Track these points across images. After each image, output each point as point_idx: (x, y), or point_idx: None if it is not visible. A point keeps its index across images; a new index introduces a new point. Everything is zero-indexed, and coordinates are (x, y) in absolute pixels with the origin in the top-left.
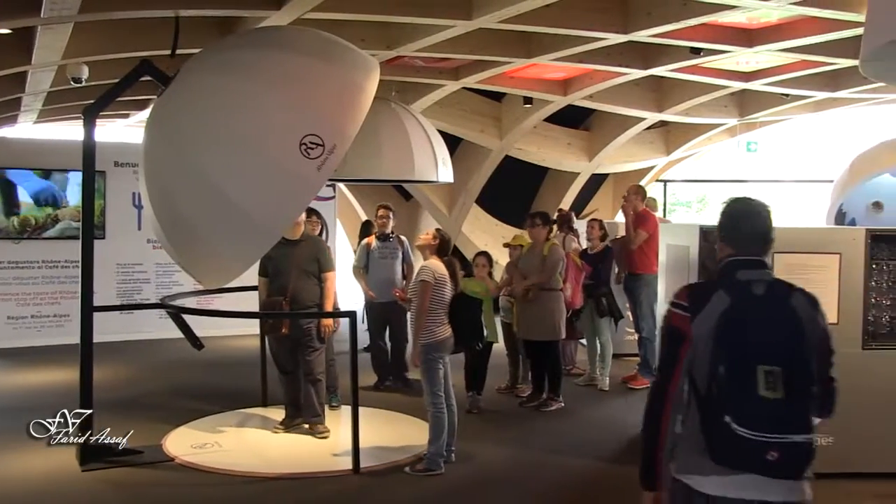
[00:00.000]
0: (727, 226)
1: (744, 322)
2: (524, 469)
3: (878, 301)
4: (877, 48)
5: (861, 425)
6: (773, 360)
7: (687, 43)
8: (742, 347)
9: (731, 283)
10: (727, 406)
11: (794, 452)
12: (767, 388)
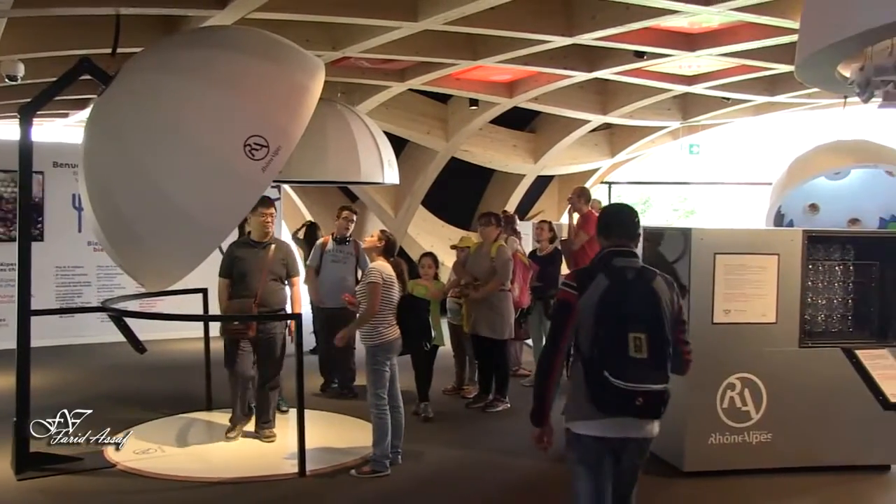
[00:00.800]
0: (605, 225)
1: (619, 299)
2: (470, 470)
3: (814, 301)
4: (810, 55)
5: (798, 422)
6: (639, 328)
7: (630, 46)
8: (617, 319)
9: (609, 269)
10: (605, 364)
11: (654, 398)
12: (635, 350)
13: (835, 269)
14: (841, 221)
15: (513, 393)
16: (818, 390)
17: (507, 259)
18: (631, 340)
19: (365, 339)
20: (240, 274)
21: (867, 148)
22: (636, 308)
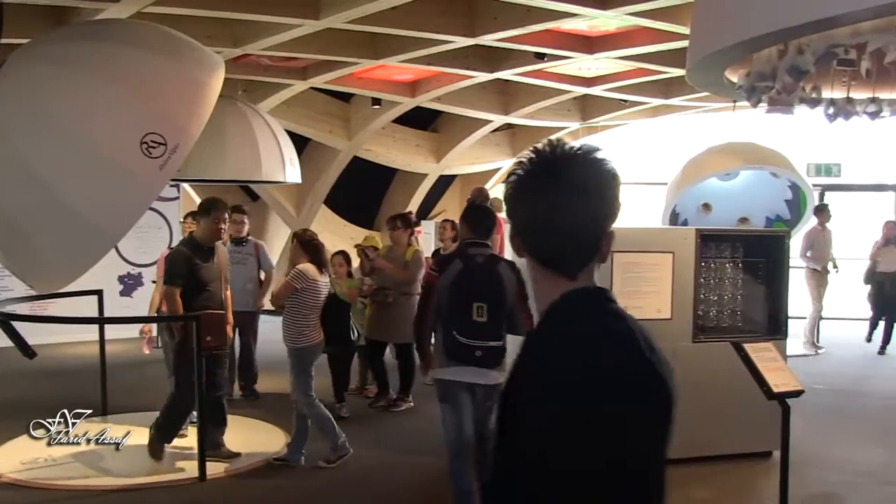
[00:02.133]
0: (470, 221)
1: (468, 279)
2: (375, 470)
3: (707, 297)
4: (699, 60)
5: (692, 414)
6: (482, 300)
7: (531, 48)
8: (465, 293)
9: (465, 256)
10: (455, 325)
11: (491, 352)
12: (477, 316)
13: (725, 266)
14: (731, 220)
15: (415, 392)
16: (710, 383)
17: (421, 265)
18: (475, 309)
19: (290, 343)
20: (202, 283)
21: (755, 150)
22: (481, 285)
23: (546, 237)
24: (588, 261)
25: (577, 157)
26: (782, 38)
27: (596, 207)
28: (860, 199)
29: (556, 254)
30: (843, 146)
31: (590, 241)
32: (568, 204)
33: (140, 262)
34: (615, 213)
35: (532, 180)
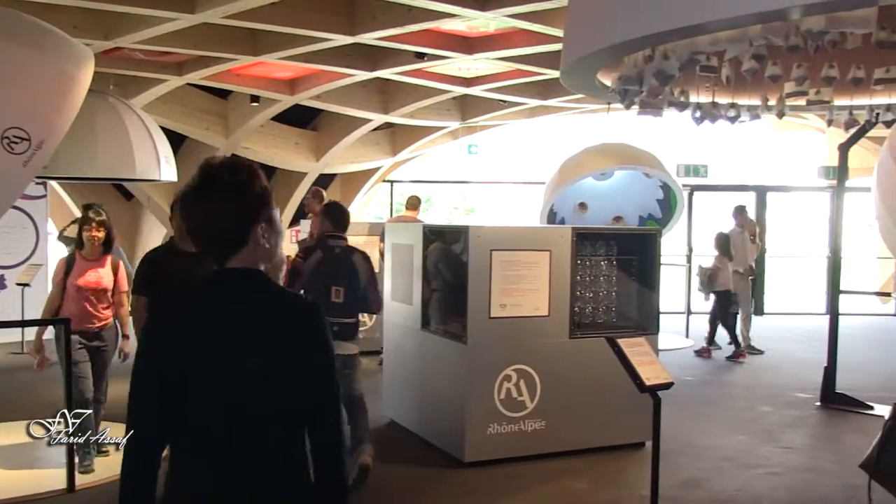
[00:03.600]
0: (330, 216)
1: (327, 265)
2: None
3: (583, 294)
4: (572, 62)
5: (569, 408)
6: (338, 284)
7: (411, 47)
8: (323, 275)
9: (324, 246)
10: None
11: (347, 327)
12: (335, 297)
13: (601, 263)
14: (607, 219)
15: None
16: (586, 378)
17: (281, 262)
18: (332, 291)
19: None
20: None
21: (629, 151)
22: (338, 271)
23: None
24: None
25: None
26: (649, 44)
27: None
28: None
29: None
30: (709, 148)
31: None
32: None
33: (4, 263)
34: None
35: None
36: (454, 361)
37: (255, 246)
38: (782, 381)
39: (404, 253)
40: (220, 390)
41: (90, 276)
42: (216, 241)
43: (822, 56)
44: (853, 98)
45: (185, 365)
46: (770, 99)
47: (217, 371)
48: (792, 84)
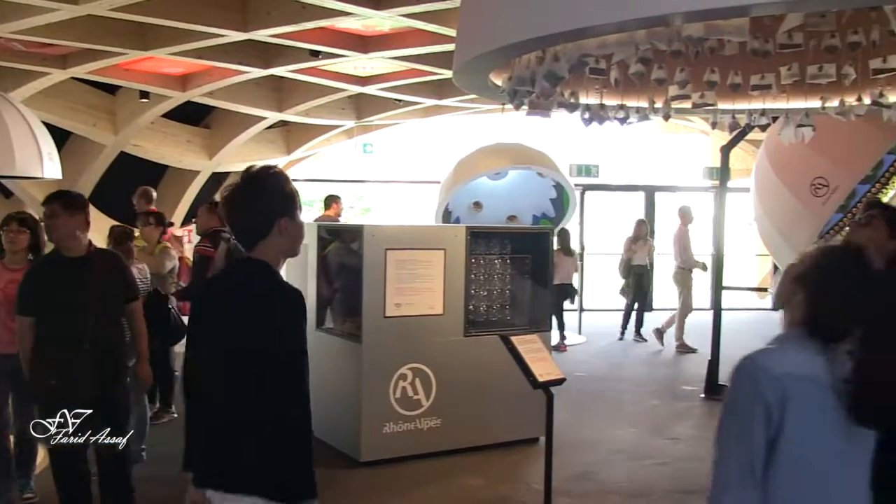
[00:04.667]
0: (216, 210)
1: (230, 254)
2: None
3: (477, 292)
4: (464, 62)
5: (464, 406)
6: None
7: (306, 45)
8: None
9: (225, 239)
10: None
11: None
12: None
13: (495, 262)
14: (501, 218)
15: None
16: (481, 376)
17: (173, 258)
18: None
19: None
20: (56, 307)
21: (523, 151)
22: None
23: None
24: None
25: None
26: (539, 46)
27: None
28: (615, 198)
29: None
30: (601, 149)
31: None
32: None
33: None
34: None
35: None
36: (349, 361)
37: (275, 238)
38: (670, 375)
39: (300, 253)
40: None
41: (12, 290)
42: (243, 232)
43: (703, 61)
44: (734, 102)
45: (192, 326)
46: (657, 101)
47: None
48: (676, 87)
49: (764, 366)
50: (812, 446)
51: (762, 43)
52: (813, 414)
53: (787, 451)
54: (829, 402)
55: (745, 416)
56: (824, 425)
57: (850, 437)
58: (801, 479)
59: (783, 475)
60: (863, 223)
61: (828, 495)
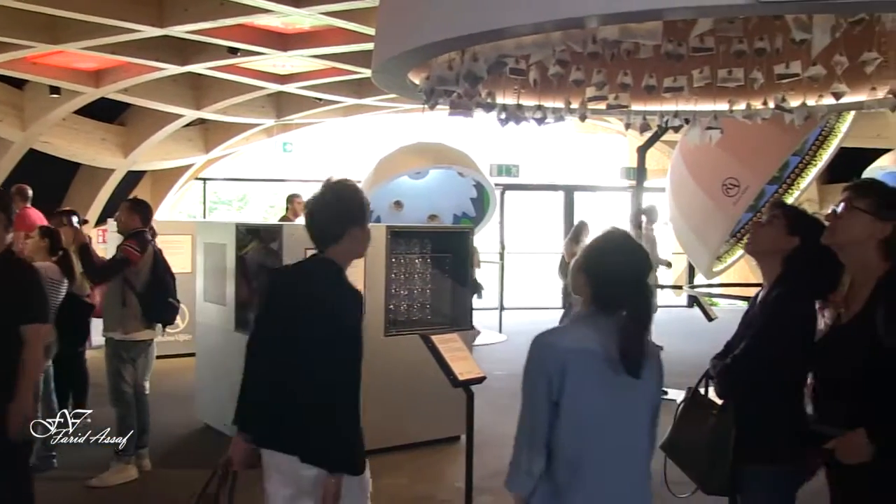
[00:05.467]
0: (137, 210)
1: (156, 251)
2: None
3: (397, 292)
4: (383, 62)
5: (386, 405)
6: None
7: (225, 42)
8: (155, 259)
9: (144, 241)
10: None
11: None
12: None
13: (415, 261)
14: (422, 217)
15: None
16: (402, 375)
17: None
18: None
19: None
20: None
21: (444, 151)
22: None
23: None
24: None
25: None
26: (457, 46)
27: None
28: (535, 198)
29: None
30: (521, 149)
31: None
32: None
33: None
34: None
35: None
36: None
37: (346, 243)
38: None
39: (217, 252)
40: None
41: None
42: (319, 235)
43: (619, 63)
44: (648, 104)
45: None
46: (573, 102)
47: None
48: (593, 89)
49: (549, 343)
50: (588, 405)
51: (675, 46)
52: (588, 379)
53: (568, 411)
54: (602, 368)
55: (534, 385)
56: (598, 388)
57: (623, 394)
58: (581, 433)
59: (567, 431)
60: (764, 223)
61: (605, 443)
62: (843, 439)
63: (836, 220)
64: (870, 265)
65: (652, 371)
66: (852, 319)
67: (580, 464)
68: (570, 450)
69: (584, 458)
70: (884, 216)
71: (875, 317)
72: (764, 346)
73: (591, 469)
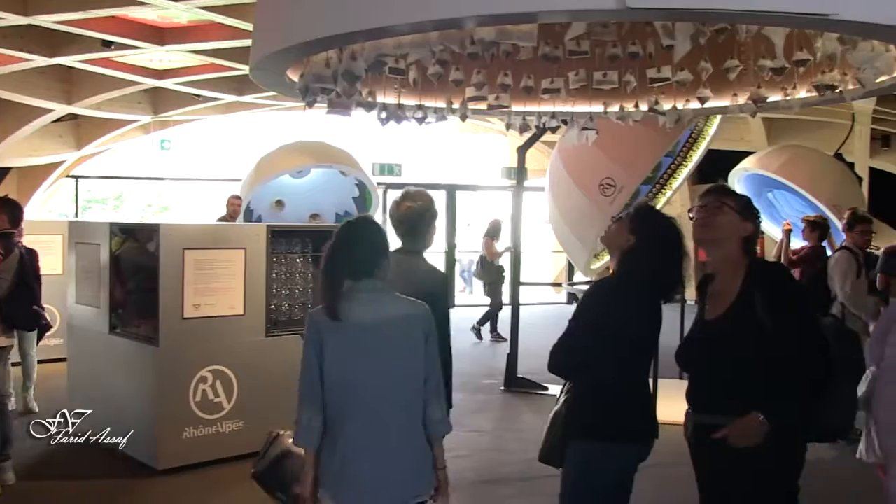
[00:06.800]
0: (7, 209)
1: (30, 262)
2: None
3: (278, 292)
4: (261, 58)
5: (268, 407)
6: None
7: (98, 34)
8: (31, 271)
9: (9, 243)
10: None
11: None
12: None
13: (296, 261)
14: (304, 216)
15: None
16: (284, 376)
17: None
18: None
19: None
20: None
21: (325, 149)
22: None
23: None
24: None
25: None
26: (335, 44)
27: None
28: None
29: None
30: (403, 148)
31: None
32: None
33: None
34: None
35: None
36: (145, 365)
37: (427, 238)
38: (473, 370)
39: (90, 253)
40: None
41: None
42: (407, 235)
43: (499, 64)
44: (526, 104)
45: None
46: (454, 102)
47: None
48: (473, 89)
49: (313, 317)
50: (342, 368)
51: (552, 49)
52: (341, 347)
53: (328, 373)
54: (352, 337)
55: (306, 353)
56: (349, 353)
57: (374, 359)
58: (341, 391)
59: (330, 389)
60: (612, 222)
61: (359, 398)
62: (738, 424)
63: (710, 217)
64: (734, 259)
65: (407, 327)
66: (728, 311)
67: (342, 413)
68: (332, 404)
69: (344, 408)
70: (746, 216)
71: (753, 305)
72: (579, 328)
73: (352, 418)
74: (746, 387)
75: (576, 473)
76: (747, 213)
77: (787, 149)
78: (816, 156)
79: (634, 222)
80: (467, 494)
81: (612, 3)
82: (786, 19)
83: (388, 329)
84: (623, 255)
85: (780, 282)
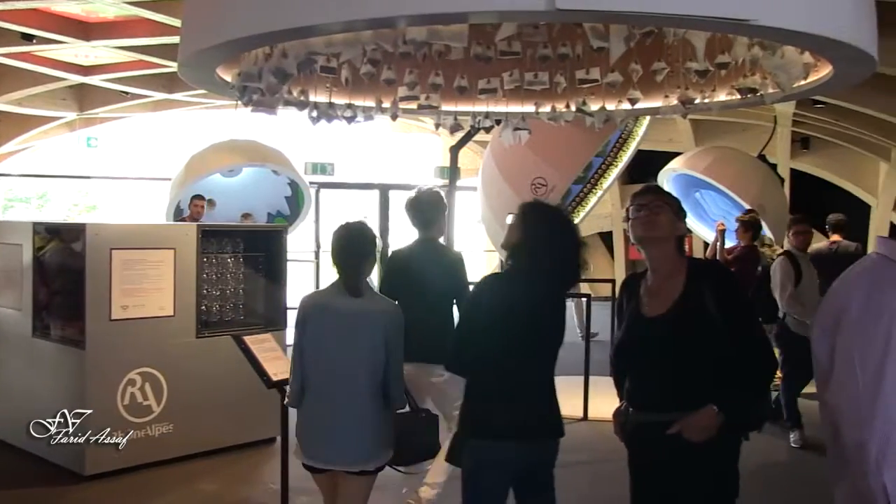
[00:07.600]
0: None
1: None
2: None
3: (210, 292)
4: (188, 56)
5: (197, 410)
6: None
7: (18, 27)
8: None
9: None
10: None
11: None
12: None
13: (227, 261)
14: (235, 216)
15: None
16: (215, 378)
17: None
18: None
19: None
20: None
21: (257, 148)
22: None
23: None
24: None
25: None
26: (266, 42)
27: None
28: (350, 196)
29: None
30: (336, 147)
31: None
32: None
33: None
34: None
35: None
36: (71, 369)
37: (441, 229)
38: None
39: (11, 254)
40: None
41: None
42: (422, 224)
43: (432, 64)
44: (459, 104)
45: None
46: (384, 101)
47: None
48: (404, 89)
49: (302, 301)
50: (319, 346)
51: (484, 49)
52: (320, 327)
53: (307, 350)
54: (332, 319)
55: (296, 330)
56: (327, 333)
57: (347, 340)
58: (317, 367)
59: (307, 365)
60: (655, 212)
61: (334, 374)
62: (694, 418)
63: (653, 216)
64: (672, 258)
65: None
66: (673, 308)
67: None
68: (308, 373)
69: (315, 376)
70: (681, 217)
71: (703, 302)
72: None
73: (321, 385)
74: (698, 382)
75: (465, 472)
76: (681, 214)
77: (713, 150)
78: (742, 157)
79: (521, 218)
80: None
81: (542, 5)
82: (707, 23)
83: (360, 319)
84: (511, 250)
85: (727, 280)
